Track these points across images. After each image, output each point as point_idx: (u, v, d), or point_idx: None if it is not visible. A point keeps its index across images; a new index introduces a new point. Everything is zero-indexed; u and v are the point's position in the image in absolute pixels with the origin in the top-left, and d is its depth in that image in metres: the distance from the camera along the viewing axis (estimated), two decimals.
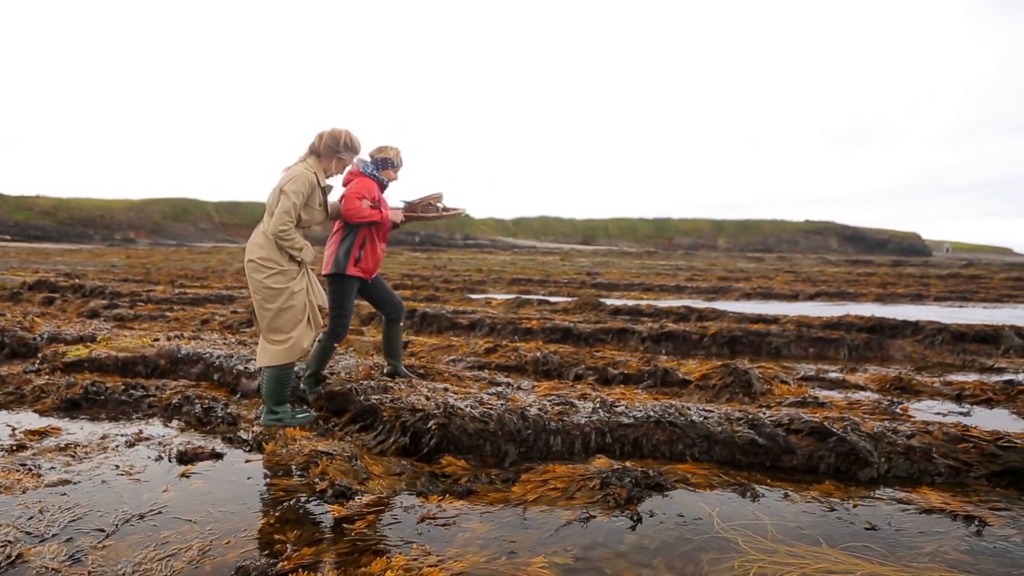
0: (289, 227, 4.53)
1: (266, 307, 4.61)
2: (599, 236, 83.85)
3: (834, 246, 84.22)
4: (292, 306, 4.63)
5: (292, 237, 4.55)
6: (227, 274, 22.00)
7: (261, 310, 4.65)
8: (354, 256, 5.06)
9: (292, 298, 4.63)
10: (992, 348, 8.89)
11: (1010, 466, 3.89)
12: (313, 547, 2.91)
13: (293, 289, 4.62)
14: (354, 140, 4.76)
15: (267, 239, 4.60)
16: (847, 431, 4.19)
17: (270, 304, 4.60)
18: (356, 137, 4.79)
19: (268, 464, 4.02)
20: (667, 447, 4.17)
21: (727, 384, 5.90)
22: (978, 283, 22.55)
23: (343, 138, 4.69)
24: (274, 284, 4.57)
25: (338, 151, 4.70)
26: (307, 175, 4.59)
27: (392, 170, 5.25)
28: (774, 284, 20.38)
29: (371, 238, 5.13)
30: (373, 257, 5.16)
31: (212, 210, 78.10)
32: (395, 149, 5.25)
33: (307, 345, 4.73)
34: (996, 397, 6.06)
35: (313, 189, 4.62)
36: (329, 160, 4.73)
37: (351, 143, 4.73)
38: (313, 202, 4.66)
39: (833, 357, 8.47)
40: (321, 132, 4.73)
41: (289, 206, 4.50)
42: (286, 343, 4.65)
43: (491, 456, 4.03)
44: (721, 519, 3.25)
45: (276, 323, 4.64)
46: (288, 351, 4.67)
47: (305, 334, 4.71)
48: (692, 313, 10.93)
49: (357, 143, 4.80)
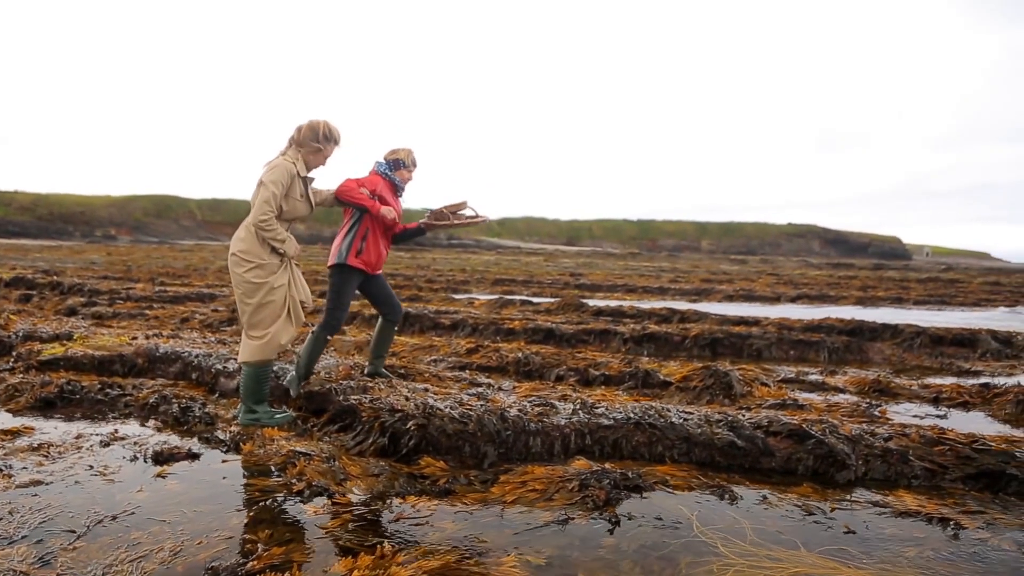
0: (269, 216, 4.50)
1: (246, 301, 4.58)
2: (583, 237, 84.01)
3: (816, 249, 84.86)
4: (271, 301, 4.59)
5: (273, 227, 4.52)
6: (209, 272, 21.83)
7: (242, 304, 4.61)
8: (355, 247, 5.07)
9: (272, 293, 4.58)
10: (969, 351, 8.99)
11: (984, 469, 3.92)
12: (283, 547, 2.88)
13: (273, 284, 4.58)
14: (333, 130, 4.72)
15: (249, 232, 4.58)
16: (825, 433, 4.21)
17: (250, 299, 4.56)
18: (335, 127, 4.75)
19: (245, 464, 3.98)
20: (647, 449, 4.17)
21: (708, 386, 5.91)
22: (957, 287, 22.79)
23: (321, 128, 4.65)
24: (254, 279, 4.54)
25: (316, 141, 4.67)
26: (286, 165, 4.58)
27: (405, 170, 5.30)
28: (756, 286, 20.49)
29: (373, 231, 5.13)
30: (375, 251, 5.16)
31: (194, 207, 77.47)
32: (407, 150, 5.31)
33: (284, 341, 4.67)
34: (972, 400, 6.12)
35: (293, 179, 4.59)
36: (309, 151, 4.69)
37: (330, 133, 4.70)
38: (294, 192, 4.62)
39: (813, 359, 8.53)
40: (300, 124, 4.71)
41: (268, 196, 4.49)
42: (263, 339, 4.60)
43: (470, 457, 4.02)
44: (700, 522, 3.25)
45: (255, 318, 4.59)
46: (264, 347, 4.61)
47: (283, 330, 4.65)
48: (674, 315, 10.96)
49: (336, 133, 4.76)
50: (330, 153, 4.78)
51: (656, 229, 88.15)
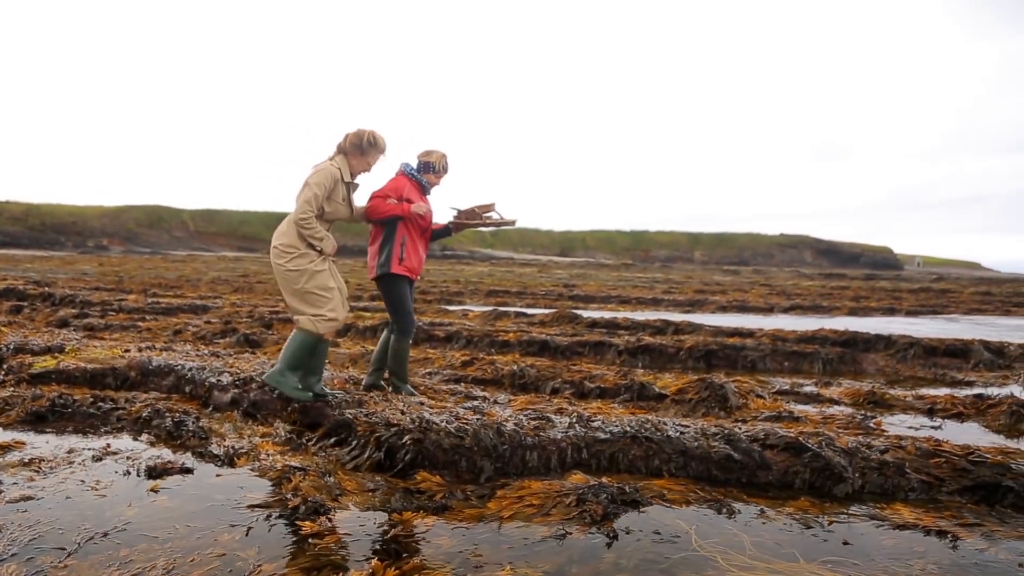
0: (310, 216, 4.77)
1: (293, 288, 4.85)
2: (577, 248, 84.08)
3: (808, 259, 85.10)
4: (315, 283, 4.84)
5: (313, 226, 4.78)
6: (202, 283, 21.75)
7: (287, 293, 4.90)
8: (396, 255, 5.15)
9: (314, 277, 4.82)
10: (962, 362, 9.01)
11: (980, 481, 3.92)
12: (274, 563, 2.86)
13: (314, 269, 4.82)
14: (378, 139, 4.95)
15: (291, 227, 4.85)
16: (822, 446, 4.20)
17: (295, 285, 4.84)
18: (381, 136, 4.98)
19: (240, 479, 3.94)
20: (643, 462, 4.16)
21: (703, 398, 5.91)
22: (948, 297, 22.89)
23: (366, 137, 4.91)
24: (294, 267, 4.81)
25: (361, 148, 4.91)
26: (331, 169, 4.85)
27: (433, 175, 5.35)
28: (749, 297, 20.53)
29: (411, 237, 5.20)
30: (416, 256, 5.23)
31: (188, 218, 77.19)
32: (440, 154, 5.36)
33: (336, 316, 4.89)
34: (967, 411, 6.13)
35: (336, 183, 4.86)
36: (354, 158, 4.95)
37: (374, 141, 4.93)
38: (336, 196, 4.89)
39: (808, 371, 8.53)
40: (348, 132, 4.97)
41: (311, 196, 4.76)
42: (318, 315, 4.84)
43: (466, 472, 3.99)
44: (699, 536, 3.23)
45: (306, 300, 4.85)
46: (314, 320, 4.84)
47: (334, 309, 4.89)
48: (669, 326, 10.96)
49: (381, 142, 4.98)
50: (375, 161, 5.01)
51: (649, 240, 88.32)
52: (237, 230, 76.45)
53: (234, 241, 73.62)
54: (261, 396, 5.68)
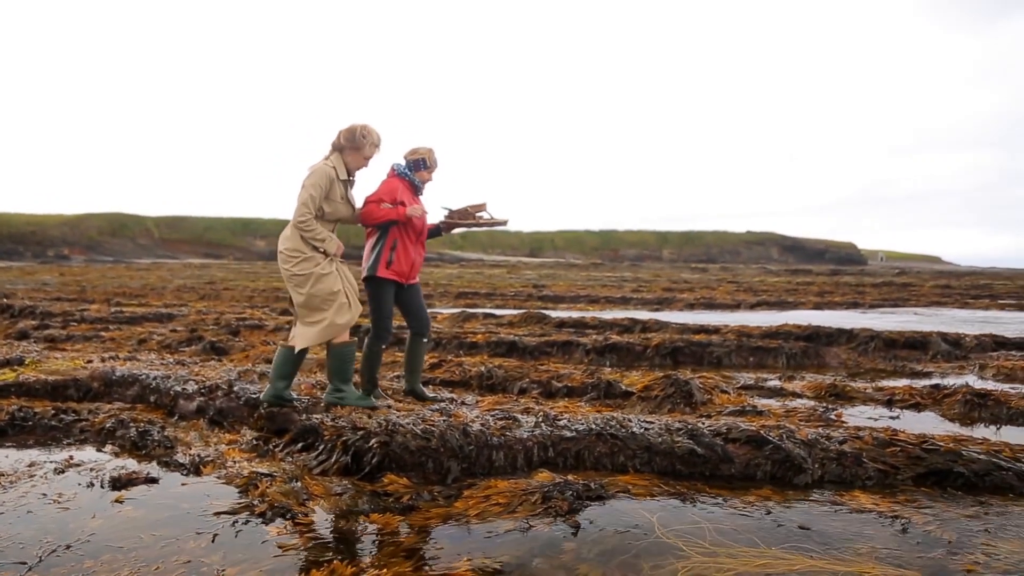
0: (308, 218, 4.77)
1: (299, 292, 4.85)
2: (546, 248, 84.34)
3: (775, 256, 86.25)
4: (322, 287, 4.83)
5: (312, 228, 4.79)
6: (167, 291, 21.48)
7: (295, 296, 4.90)
8: (385, 258, 5.10)
9: (321, 280, 4.82)
10: (921, 353, 9.22)
11: (934, 467, 4.04)
12: (238, 567, 2.87)
13: (320, 272, 4.82)
14: (370, 131, 4.93)
15: (293, 230, 4.86)
16: (783, 439, 4.30)
17: (302, 289, 4.84)
18: (373, 129, 4.96)
19: (206, 488, 3.93)
20: (609, 459, 4.22)
21: (669, 395, 5.98)
22: (910, 291, 23.36)
23: (358, 131, 4.90)
24: (300, 271, 4.81)
25: (353, 142, 4.90)
26: (325, 169, 4.84)
27: (426, 171, 5.31)
28: (717, 294, 20.77)
29: (402, 240, 5.14)
30: (407, 259, 5.17)
31: (152, 225, 76.03)
32: (428, 149, 5.30)
33: (343, 321, 4.89)
34: (924, 401, 6.29)
35: (332, 183, 4.85)
36: (349, 154, 4.93)
37: (367, 134, 4.91)
38: (334, 195, 4.88)
39: (772, 365, 8.67)
40: (341, 129, 4.95)
41: (307, 198, 4.76)
42: (321, 323, 4.85)
43: (433, 473, 4.02)
44: (662, 525, 3.30)
45: (310, 305, 4.86)
46: (323, 331, 4.89)
47: (340, 313, 4.88)
48: (636, 325, 11.07)
49: (375, 134, 4.96)
50: (370, 155, 5.00)
51: (618, 239, 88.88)
52: (203, 237, 75.53)
53: (200, 248, 72.73)
54: (227, 403, 5.66)
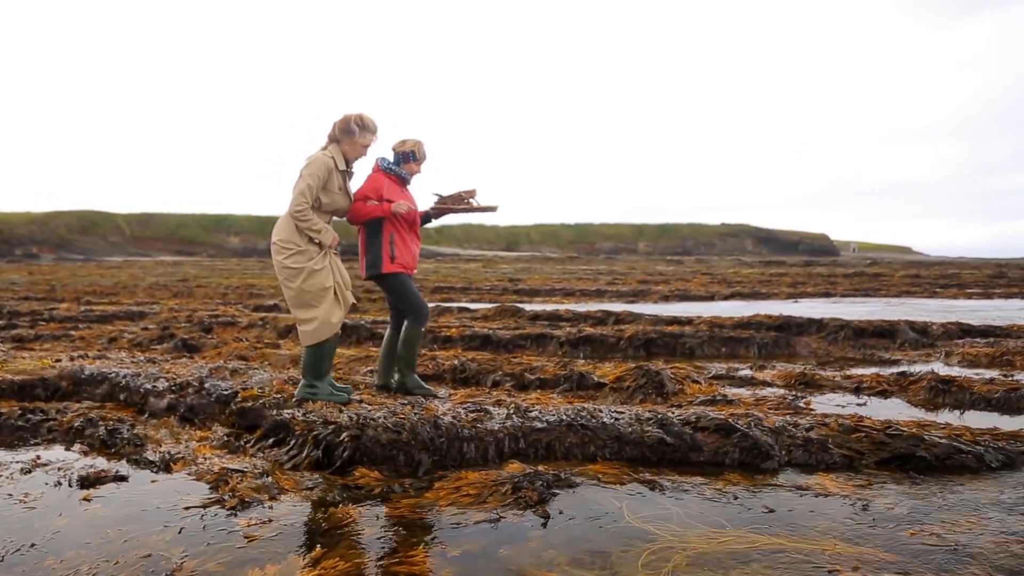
0: (305, 208, 4.71)
1: (289, 286, 4.81)
2: (522, 242, 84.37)
3: (749, 248, 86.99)
4: (314, 282, 4.78)
5: (309, 218, 4.72)
6: (139, 289, 21.24)
7: (286, 290, 4.85)
8: (387, 253, 5.08)
9: (312, 276, 4.76)
10: (889, 342, 9.37)
11: (897, 452, 4.13)
12: (196, 559, 2.89)
13: (313, 268, 4.76)
14: (366, 120, 4.89)
15: (287, 220, 4.79)
16: (750, 427, 4.36)
17: (292, 283, 4.78)
18: (368, 117, 4.91)
19: (176, 484, 3.91)
20: (579, 449, 4.25)
21: (640, 385, 6.04)
22: (881, 280, 23.69)
23: (353, 119, 4.86)
24: (293, 264, 4.75)
25: (349, 131, 4.86)
26: (323, 159, 4.79)
27: (414, 163, 5.26)
28: (691, 286, 20.94)
29: (398, 232, 5.12)
30: (408, 252, 5.16)
31: (123, 223, 74.93)
32: (416, 142, 5.25)
33: (336, 320, 4.85)
34: (890, 388, 6.40)
35: (330, 173, 4.80)
36: (346, 144, 4.89)
37: (361, 123, 4.87)
38: (332, 186, 4.82)
39: (744, 355, 8.77)
40: (336, 119, 4.91)
41: (304, 187, 4.71)
42: (313, 323, 4.81)
43: (405, 466, 4.03)
44: (631, 511, 3.36)
45: (301, 302, 4.82)
46: (315, 331, 4.83)
47: (332, 311, 4.84)
48: (610, 317, 11.13)
49: (370, 122, 4.91)
50: (367, 142, 4.95)
51: (593, 232, 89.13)
52: (175, 234, 74.63)
53: (172, 245, 71.87)
54: (198, 400, 5.63)
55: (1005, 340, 8.98)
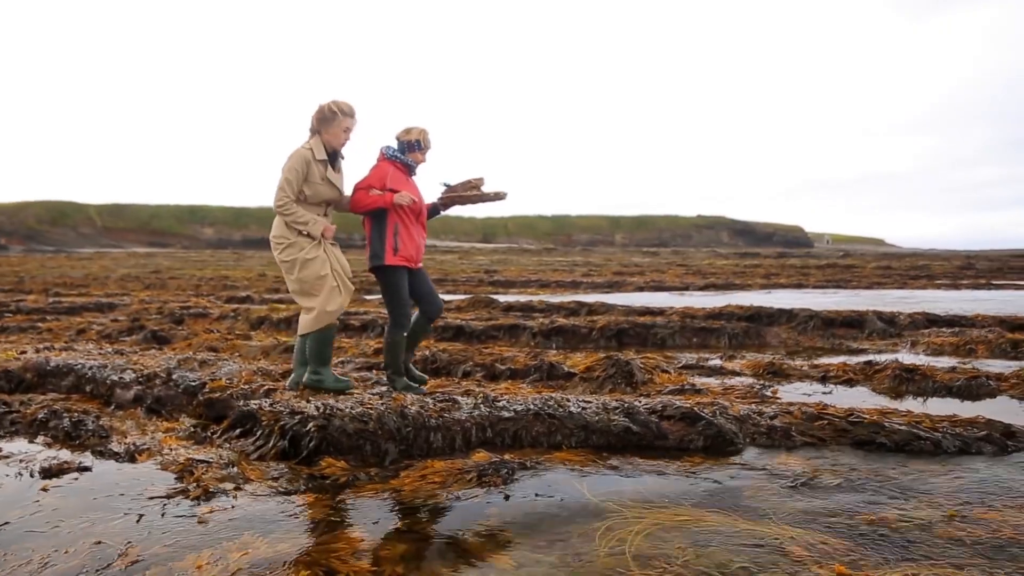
0: (286, 202, 4.77)
1: (289, 279, 4.92)
2: (499, 234, 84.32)
3: (725, 239, 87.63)
4: (308, 272, 4.83)
5: (292, 211, 4.78)
6: (110, 281, 20.99)
7: (288, 282, 4.95)
8: (390, 245, 4.98)
9: (307, 266, 4.83)
10: (857, 332, 9.50)
11: (858, 439, 4.20)
12: (138, 546, 2.90)
13: (306, 257, 4.83)
14: (339, 105, 4.89)
15: (279, 217, 4.88)
16: (715, 415, 4.42)
17: (290, 275, 4.89)
18: (341, 102, 4.92)
19: (140, 475, 3.88)
20: (546, 438, 4.28)
21: (610, 375, 6.08)
22: (853, 272, 23.98)
23: (326, 108, 4.85)
24: (287, 257, 4.85)
25: (326, 120, 4.87)
26: (301, 152, 4.82)
27: (419, 152, 5.16)
28: (667, 277, 21.07)
29: (403, 223, 5.01)
30: (412, 243, 5.05)
31: (94, 213, 73.90)
32: (421, 130, 5.15)
33: (332, 309, 4.87)
34: (856, 377, 6.50)
35: (309, 164, 4.82)
36: (326, 133, 4.89)
37: (336, 108, 4.87)
38: (313, 177, 4.84)
39: (715, 345, 8.85)
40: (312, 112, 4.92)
41: (283, 182, 4.77)
42: (313, 311, 4.87)
43: (371, 455, 4.03)
44: (592, 493, 3.44)
45: (302, 290, 4.90)
46: (315, 319, 4.87)
47: (330, 299, 4.86)
48: (582, 308, 11.18)
49: (344, 106, 4.90)
50: (347, 126, 4.93)
51: (571, 224, 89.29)
52: (148, 225, 73.73)
53: (145, 236, 71.01)
54: (166, 392, 5.59)
55: (969, 330, 9.13)
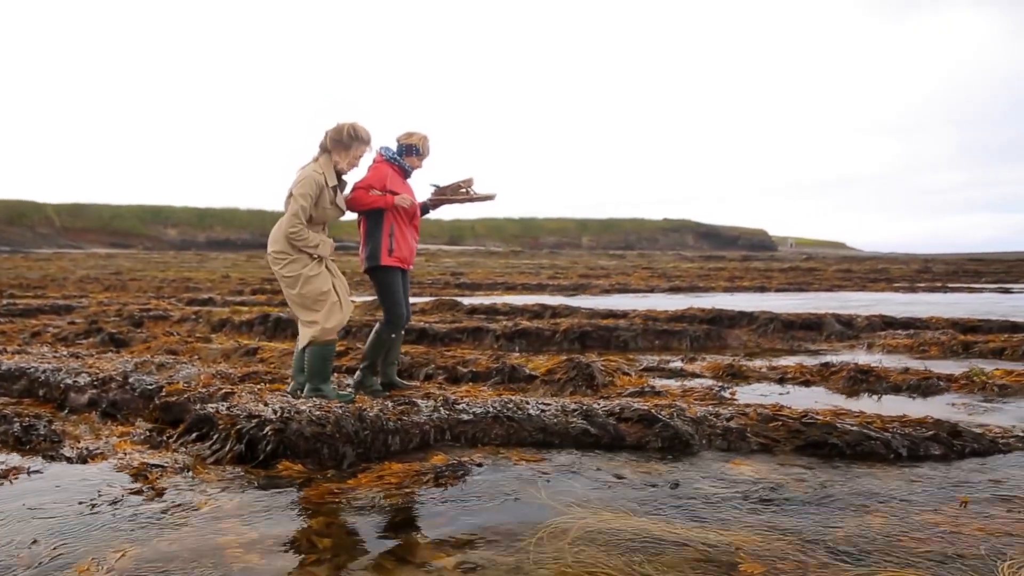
0: (299, 229, 4.70)
1: (290, 293, 4.84)
2: (466, 236, 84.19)
3: (690, 243, 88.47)
4: (311, 288, 4.76)
5: (304, 237, 4.72)
6: (69, 282, 20.59)
7: (288, 297, 4.89)
8: (386, 246, 5.00)
9: (309, 282, 4.76)
10: (816, 334, 9.68)
11: (811, 439, 4.28)
12: (67, 543, 2.91)
13: (308, 273, 4.76)
14: (359, 130, 4.82)
15: (281, 233, 4.80)
16: (672, 417, 4.47)
17: (292, 290, 4.81)
18: (362, 127, 4.85)
19: (91, 479, 3.82)
20: (505, 440, 4.30)
21: (571, 378, 6.12)
22: (814, 275, 24.41)
23: (346, 130, 4.79)
24: (289, 272, 4.77)
25: (342, 142, 4.79)
26: (314, 176, 4.74)
27: (416, 157, 5.17)
28: (632, 280, 21.24)
29: (398, 225, 5.03)
30: (406, 245, 5.08)
31: (52, 213, 72.29)
32: (422, 136, 5.16)
33: (332, 325, 4.80)
34: (813, 378, 6.63)
35: (321, 190, 4.76)
36: (338, 154, 4.82)
37: (355, 133, 4.80)
38: (323, 202, 4.78)
39: (677, 348, 8.94)
40: (328, 128, 4.83)
41: (297, 209, 4.69)
42: (315, 326, 4.79)
43: (329, 459, 4.01)
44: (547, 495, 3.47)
45: (302, 305, 4.82)
46: (317, 334, 4.79)
47: (331, 315, 4.80)
48: (546, 310, 11.23)
49: (364, 132, 4.84)
50: (360, 153, 4.89)
51: (538, 227, 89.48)
52: (109, 225, 72.35)
53: (106, 237, 69.67)
54: (121, 395, 5.52)
55: (924, 332, 9.35)
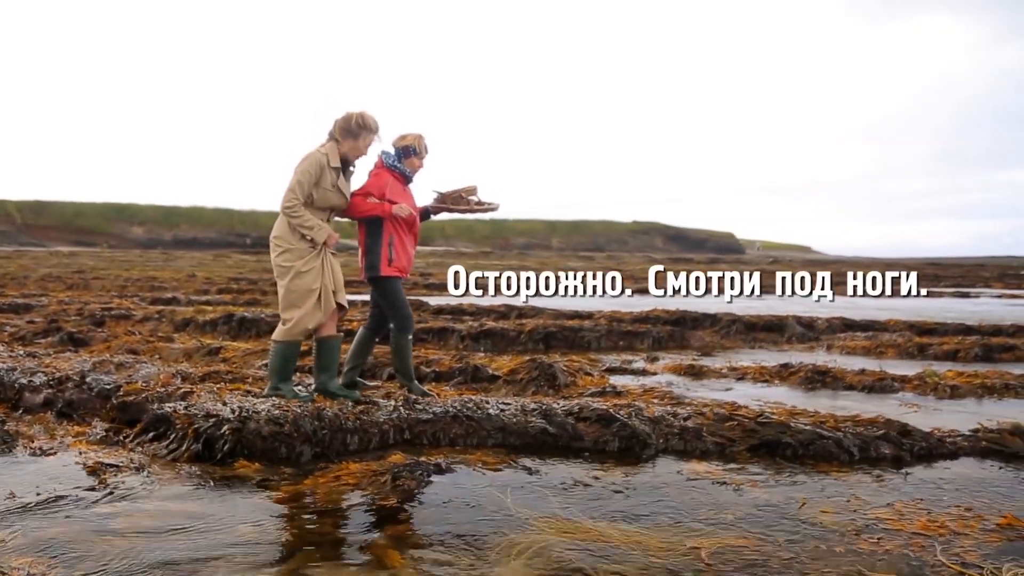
0: (295, 204, 4.67)
1: (279, 283, 4.82)
2: (436, 237, 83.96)
3: (659, 245, 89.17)
4: (300, 283, 4.71)
5: (300, 214, 4.67)
6: (29, 281, 20.19)
7: (278, 287, 4.86)
8: (385, 256, 4.94)
9: (299, 277, 4.71)
10: (778, 335, 9.86)
11: (765, 439, 4.37)
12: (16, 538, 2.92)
13: (300, 269, 4.71)
14: (366, 119, 4.80)
15: (283, 218, 4.77)
16: (630, 417, 4.53)
17: (281, 281, 4.78)
18: (370, 116, 4.82)
19: (43, 479, 3.78)
20: (463, 440, 4.34)
21: (534, 378, 6.17)
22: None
23: (353, 119, 4.76)
24: (283, 262, 4.74)
25: (350, 131, 4.78)
26: (316, 156, 4.74)
27: (416, 158, 5.11)
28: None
29: (398, 234, 4.98)
30: (405, 254, 5.04)
31: (13, 210, 70.79)
32: (416, 136, 5.09)
33: (310, 326, 4.77)
34: (772, 378, 6.76)
35: (323, 170, 4.73)
36: (345, 143, 4.81)
37: (363, 122, 4.78)
38: (324, 182, 4.75)
39: (640, 348, 9.05)
40: (337, 117, 4.82)
41: (294, 183, 4.68)
42: (289, 322, 4.77)
43: (286, 458, 4.02)
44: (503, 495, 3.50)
45: (286, 300, 4.79)
46: (290, 329, 4.77)
47: (309, 315, 4.73)
48: (512, 311, 11.28)
49: (371, 122, 4.82)
50: (368, 142, 4.87)
51: (508, 228, 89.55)
52: (72, 223, 71.03)
53: (69, 235, 68.35)
54: (78, 395, 5.44)
55: (881, 334, 9.56)
